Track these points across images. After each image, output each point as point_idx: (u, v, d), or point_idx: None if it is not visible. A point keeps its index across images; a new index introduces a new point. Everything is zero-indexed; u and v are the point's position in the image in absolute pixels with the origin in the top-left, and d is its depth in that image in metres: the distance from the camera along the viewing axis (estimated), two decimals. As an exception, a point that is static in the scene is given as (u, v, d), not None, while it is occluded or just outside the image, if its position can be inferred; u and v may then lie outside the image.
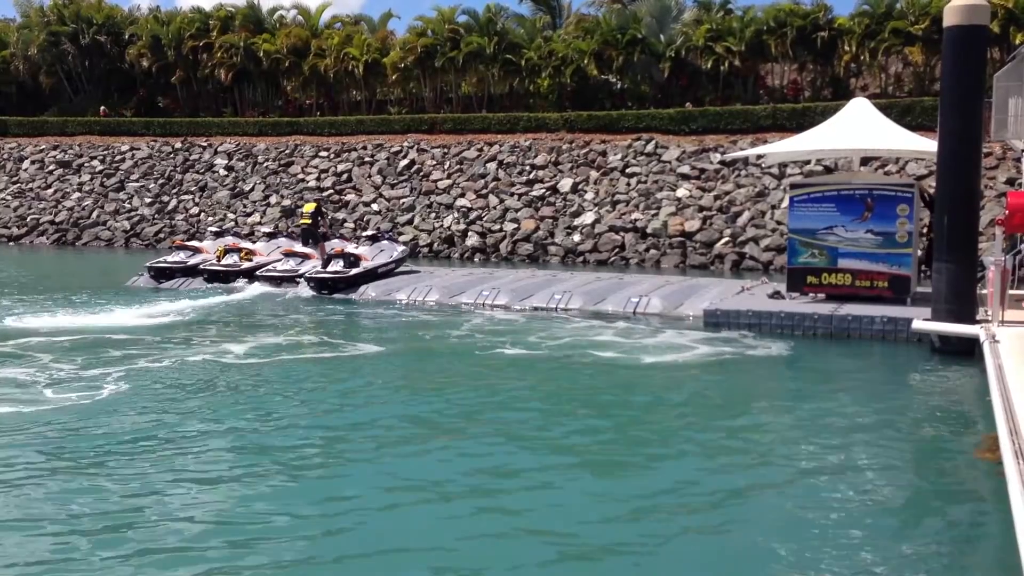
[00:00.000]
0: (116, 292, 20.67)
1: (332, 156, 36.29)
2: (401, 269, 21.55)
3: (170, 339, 14.47)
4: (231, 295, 20.11)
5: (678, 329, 15.60)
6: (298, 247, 21.81)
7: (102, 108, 43.43)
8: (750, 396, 11.46)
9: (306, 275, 20.25)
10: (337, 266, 20.34)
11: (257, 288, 20.59)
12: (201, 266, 21.60)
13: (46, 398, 10.58)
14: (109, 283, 22.34)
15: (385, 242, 21.93)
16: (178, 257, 22.35)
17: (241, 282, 21.04)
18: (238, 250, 21.75)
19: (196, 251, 22.45)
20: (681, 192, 29.59)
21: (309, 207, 22.45)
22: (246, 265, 21.29)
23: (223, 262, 21.47)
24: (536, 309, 17.82)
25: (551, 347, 14.08)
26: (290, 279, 20.50)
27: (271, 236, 23.70)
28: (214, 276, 21.29)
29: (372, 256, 20.94)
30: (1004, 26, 29.33)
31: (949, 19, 13.23)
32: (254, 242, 23.22)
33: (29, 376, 11.73)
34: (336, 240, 22.46)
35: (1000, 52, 29.47)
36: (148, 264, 22.49)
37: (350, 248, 21.13)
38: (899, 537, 6.86)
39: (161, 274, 21.86)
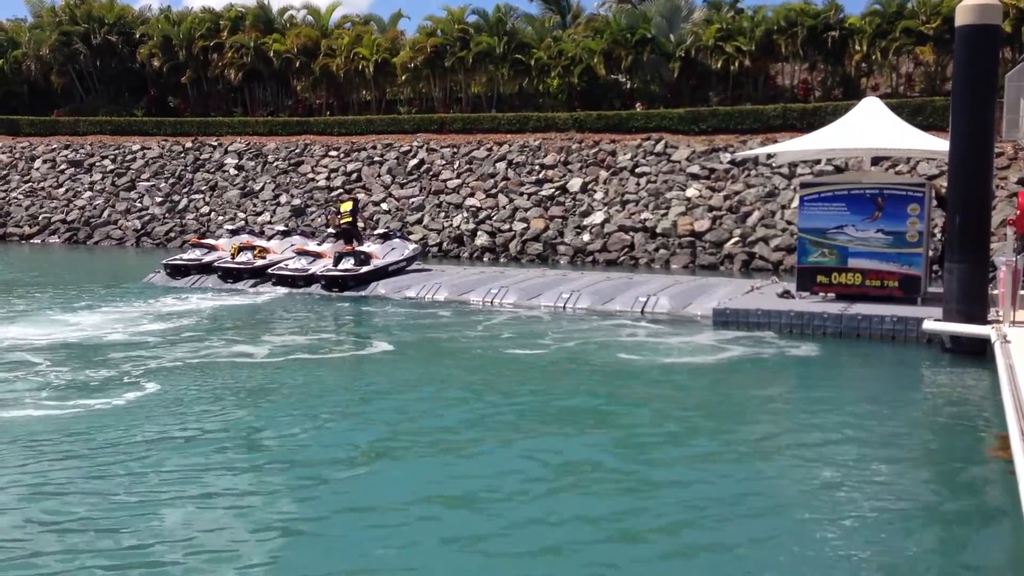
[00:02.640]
0: (131, 290, 20.76)
1: (342, 156, 36.37)
2: (412, 267, 21.60)
3: (185, 340, 14.48)
4: (244, 294, 20.18)
5: (687, 329, 15.58)
6: (311, 245, 21.86)
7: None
8: (760, 397, 11.44)
9: (317, 273, 20.31)
10: (348, 264, 20.40)
11: (269, 287, 20.63)
12: (216, 263, 21.72)
13: (58, 403, 10.47)
14: (122, 282, 22.40)
15: (396, 240, 21.99)
16: (194, 254, 22.52)
17: (250, 282, 21.06)
18: (252, 248, 21.84)
19: (212, 248, 22.60)
20: (691, 192, 29.56)
21: (347, 206, 22.36)
22: (259, 263, 21.35)
23: (237, 260, 21.57)
24: (545, 308, 17.84)
25: (560, 347, 14.08)
26: (302, 278, 20.50)
27: (285, 234, 23.77)
28: (228, 273, 21.39)
29: (383, 254, 21.00)
30: (1016, 25, 29.21)
31: (961, 18, 13.18)
32: (268, 240, 23.29)
33: (38, 380, 11.64)
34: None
35: (1012, 51, 29.35)
36: (164, 261, 22.66)
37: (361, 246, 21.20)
38: (911, 535, 6.85)
39: (177, 271, 22.04)
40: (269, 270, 21.03)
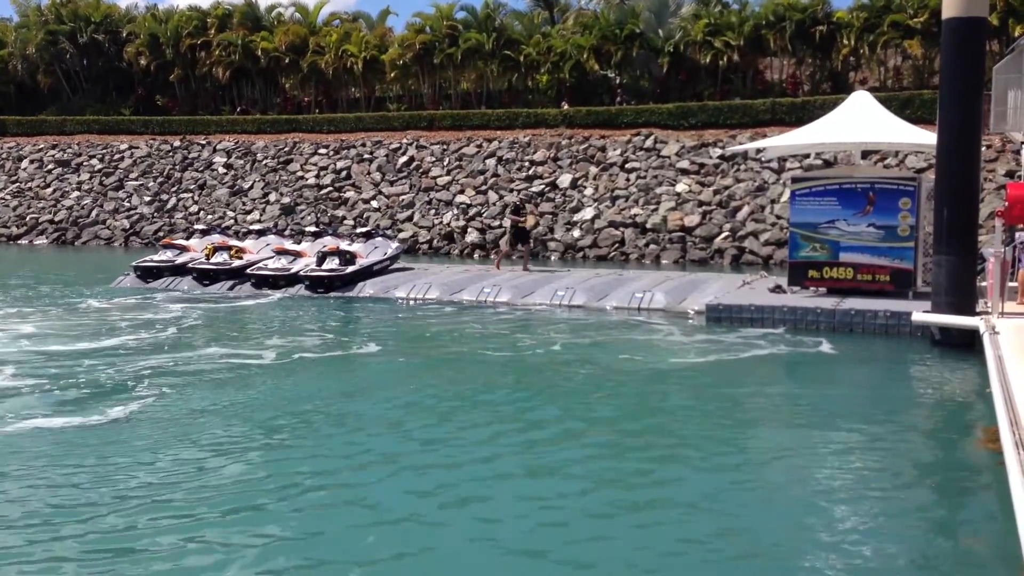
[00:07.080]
0: (99, 294, 19.80)
1: (331, 153, 36.28)
2: (396, 266, 21.35)
3: (170, 345, 14.07)
4: (224, 297, 19.84)
5: (682, 325, 15.58)
6: (289, 244, 21.34)
7: None
8: (753, 392, 11.43)
9: (301, 273, 19.89)
10: (332, 264, 19.89)
11: (249, 288, 20.10)
12: (190, 265, 20.90)
13: (35, 417, 9.92)
14: (95, 284, 21.37)
15: (379, 239, 21.56)
16: (165, 256, 21.51)
17: (228, 284, 20.42)
18: (228, 248, 21.00)
19: (184, 249, 21.65)
20: (680, 187, 29.58)
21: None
22: (237, 263, 20.59)
23: (212, 260, 20.75)
24: (539, 306, 17.77)
25: (559, 347, 13.94)
26: (283, 277, 19.92)
27: (260, 234, 22.94)
28: (204, 275, 20.61)
29: (367, 253, 20.50)
30: (1003, 18, 29.33)
31: (948, 11, 13.18)
32: (243, 239, 22.52)
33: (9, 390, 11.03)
34: (330, 238, 22.10)
35: (999, 44, 29.44)
36: (134, 263, 21.53)
37: (344, 245, 20.57)
38: (900, 529, 6.85)
39: (148, 273, 21.05)
40: (248, 270, 20.30)
